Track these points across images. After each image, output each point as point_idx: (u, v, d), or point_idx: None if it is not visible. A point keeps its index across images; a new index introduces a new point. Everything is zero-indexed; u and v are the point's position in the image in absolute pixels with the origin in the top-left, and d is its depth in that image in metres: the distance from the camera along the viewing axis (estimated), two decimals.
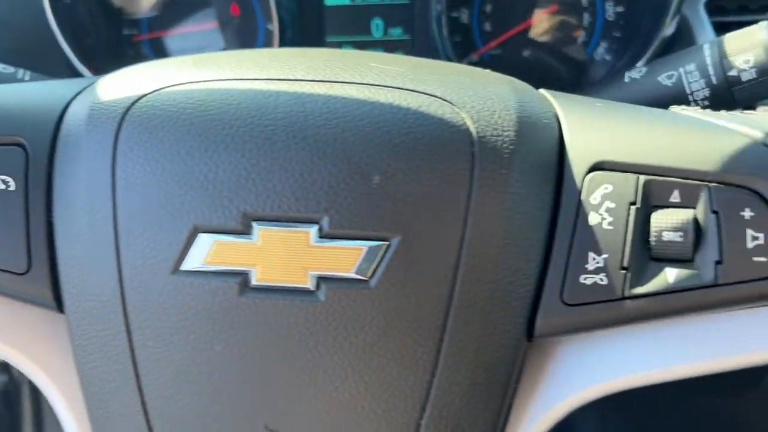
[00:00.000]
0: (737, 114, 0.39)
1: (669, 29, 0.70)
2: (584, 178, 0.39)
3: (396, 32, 0.86)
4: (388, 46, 0.86)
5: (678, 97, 0.53)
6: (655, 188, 0.38)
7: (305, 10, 0.87)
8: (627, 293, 0.37)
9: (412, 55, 0.85)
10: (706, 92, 0.53)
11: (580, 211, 0.38)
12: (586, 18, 0.84)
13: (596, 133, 0.40)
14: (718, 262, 0.36)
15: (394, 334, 0.37)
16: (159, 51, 0.88)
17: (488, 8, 0.85)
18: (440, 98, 0.39)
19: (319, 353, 0.38)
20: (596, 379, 0.40)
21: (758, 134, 0.37)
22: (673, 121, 0.40)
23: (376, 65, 0.41)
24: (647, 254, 0.38)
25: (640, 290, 0.37)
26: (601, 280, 0.37)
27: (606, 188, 0.38)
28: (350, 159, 0.37)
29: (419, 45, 0.85)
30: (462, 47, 0.85)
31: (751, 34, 0.52)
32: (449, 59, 0.82)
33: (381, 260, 0.37)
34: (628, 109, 0.43)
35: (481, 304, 0.37)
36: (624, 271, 0.37)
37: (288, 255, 0.37)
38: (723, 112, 0.40)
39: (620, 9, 0.83)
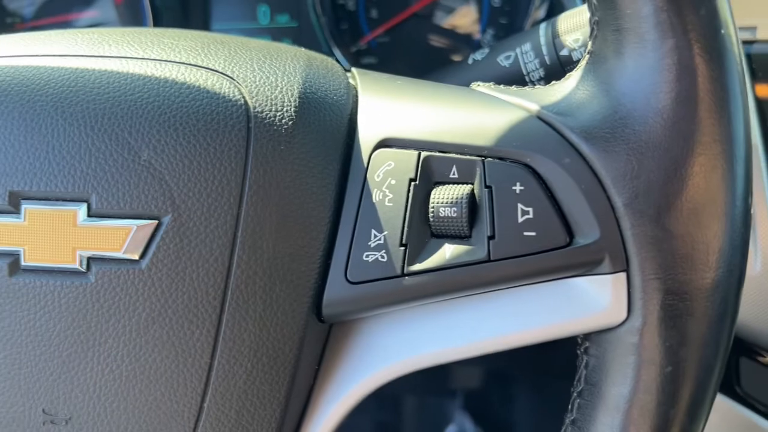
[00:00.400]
0: (525, 89, 0.39)
1: (540, 12, 0.70)
2: (370, 155, 0.38)
3: (283, 19, 0.85)
4: (275, 34, 0.85)
5: (515, 77, 0.53)
6: (435, 164, 0.37)
7: None
8: (406, 270, 0.36)
9: (299, 42, 0.84)
10: (541, 72, 0.53)
11: (364, 189, 0.38)
12: (473, 5, 0.84)
13: (386, 111, 0.39)
14: (490, 238, 0.36)
15: (169, 315, 0.36)
16: None
17: None
18: (220, 72, 0.38)
19: (93, 336, 0.37)
20: (394, 358, 0.40)
21: (534, 107, 0.37)
22: (461, 98, 0.40)
23: (168, 41, 0.40)
24: (428, 231, 0.37)
25: (417, 267, 0.36)
26: (382, 257, 0.37)
27: (389, 165, 0.38)
28: (119, 135, 0.36)
29: (306, 32, 0.85)
30: (349, 34, 0.84)
31: (581, 13, 0.52)
32: (332, 47, 0.81)
33: (151, 240, 0.36)
34: (426, 87, 0.42)
35: (262, 282, 0.37)
36: (403, 248, 0.37)
37: (56, 235, 0.36)
38: (513, 87, 0.39)
39: None
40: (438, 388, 1.17)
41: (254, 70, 0.39)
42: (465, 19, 0.84)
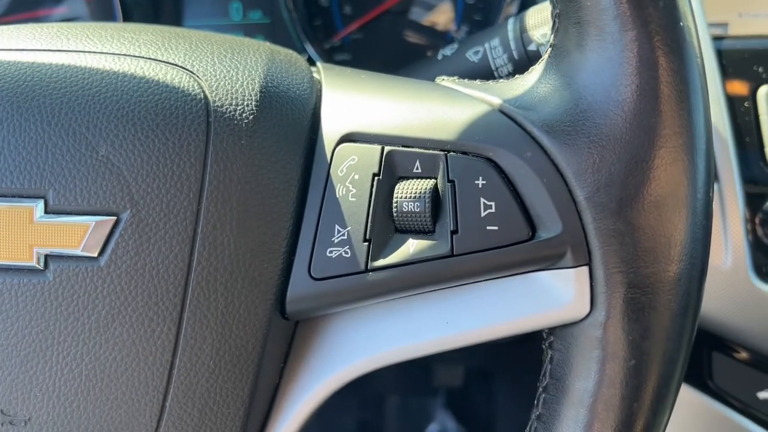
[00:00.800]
0: (489, 83, 0.39)
1: (512, 8, 0.70)
2: (334, 149, 0.38)
3: (255, 16, 0.84)
4: (248, 30, 0.84)
5: (484, 72, 0.53)
6: (398, 159, 0.37)
7: None
8: (369, 265, 0.36)
9: (272, 39, 0.83)
10: (510, 67, 0.52)
11: (328, 184, 0.37)
12: (447, 2, 0.83)
13: (350, 105, 0.39)
14: (453, 232, 0.35)
15: (129, 313, 0.36)
16: None
17: None
18: (180, 66, 0.37)
19: (51, 335, 0.36)
20: (361, 355, 0.39)
21: (496, 101, 0.36)
22: (425, 93, 0.39)
23: (128, 35, 0.40)
24: (392, 226, 0.37)
25: (381, 262, 0.36)
26: (345, 252, 0.36)
27: (352, 160, 0.37)
28: (76, 130, 0.35)
29: (279, 29, 0.84)
30: (322, 31, 0.84)
31: (548, 8, 0.52)
32: (305, 43, 0.80)
33: (110, 236, 0.35)
34: (390, 81, 0.42)
35: (223, 279, 0.36)
36: (367, 243, 0.36)
37: (12, 232, 0.35)
38: (476, 82, 0.39)
39: None
40: (420, 387, 1.17)
41: (215, 65, 0.38)
42: (439, 16, 0.84)
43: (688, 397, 0.69)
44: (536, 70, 0.37)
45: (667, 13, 0.32)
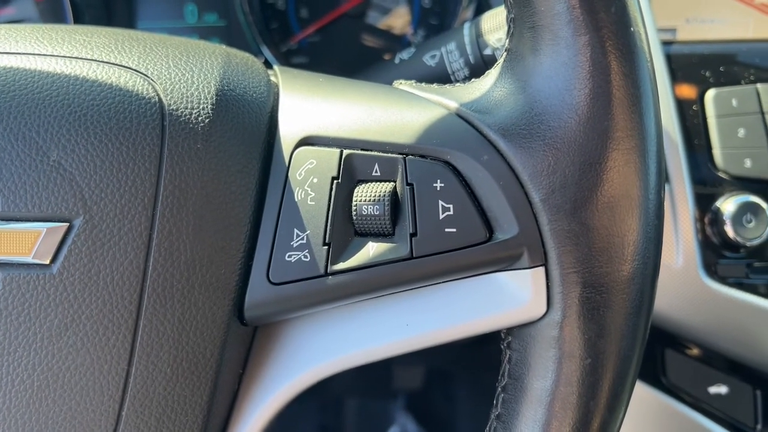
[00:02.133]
0: (446, 87, 0.39)
1: (468, 12, 0.70)
2: (292, 153, 0.38)
3: (211, 18, 0.83)
4: (203, 33, 0.83)
5: (441, 76, 0.53)
6: (357, 162, 0.37)
7: None
8: (329, 269, 0.36)
9: (228, 42, 0.82)
10: (466, 71, 0.53)
11: (286, 187, 0.37)
12: (404, 6, 0.84)
13: (308, 108, 0.39)
14: (413, 235, 0.35)
15: (83, 321, 0.35)
16: None
17: None
18: (134, 70, 0.37)
19: (2, 345, 0.35)
20: (321, 359, 0.39)
21: (453, 105, 0.37)
22: (383, 96, 0.40)
23: (80, 37, 0.39)
24: (352, 229, 0.37)
25: (341, 266, 0.36)
26: (305, 256, 0.36)
27: (311, 163, 0.37)
28: (26, 134, 0.34)
29: (235, 31, 0.83)
30: (279, 33, 0.84)
31: (503, 12, 0.52)
32: (261, 46, 0.80)
33: (62, 243, 0.34)
34: (348, 85, 0.42)
35: (180, 286, 0.36)
36: (326, 247, 0.36)
37: None
38: (434, 85, 0.39)
39: None
40: (380, 390, 1.17)
41: (170, 68, 0.38)
42: (395, 20, 0.84)
43: (642, 394, 0.71)
44: (492, 74, 0.37)
45: (618, 19, 0.33)
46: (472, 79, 0.39)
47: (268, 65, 0.44)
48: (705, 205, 0.65)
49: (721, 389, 0.68)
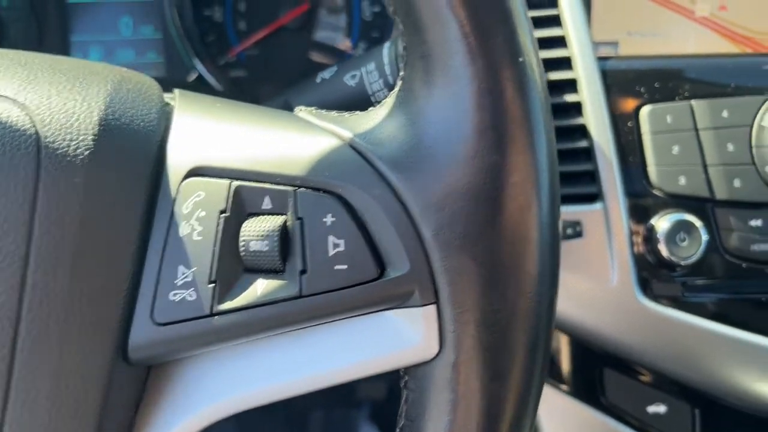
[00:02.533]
0: (344, 115, 0.37)
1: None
2: (180, 184, 0.36)
3: (146, 31, 0.81)
4: (139, 46, 0.81)
5: (361, 97, 0.52)
6: (247, 195, 0.35)
7: (48, 7, 0.81)
8: (215, 309, 0.34)
9: (165, 55, 0.80)
10: (386, 92, 0.52)
11: (172, 222, 0.35)
12: (344, 18, 0.82)
13: (199, 137, 0.37)
14: (302, 272, 0.34)
15: None
16: None
17: (242, 6, 0.82)
18: (11, 99, 0.35)
19: None
20: (207, 401, 0.37)
21: (347, 135, 0.35)
22: (279, 124, 0.38)
23: None
24: (241, 266, 0.35)
25: (227, 305, 0.34)
26: (190, 295, 0.35)
27: (198, 196, 0.35)
28: None
29: (171, 44, 0.81)
30: (216, 46, 0.82)
31: None
32: (194, 59, 0.78)
33: None
34: (245, 111, 0.40)
35: (56, 328, 0.34)
36: (212, 285, 0.34)
37: None
38: (332, 113, 0.38)
39: (377, 9, 0.82)
40: (344, 400, 1.16)
41: (50, 97, 0.36)
42: (336, 33, 0.83)
43: (581, 414, 0.70)
44: (388, 103, 0.36)
45: (507, 49, 0.32)
46: (369, 108, 0.37)
47: (201, 80, 0.42)
48: (640, 222, 0.64)
49: (660, 408, 0.68)
